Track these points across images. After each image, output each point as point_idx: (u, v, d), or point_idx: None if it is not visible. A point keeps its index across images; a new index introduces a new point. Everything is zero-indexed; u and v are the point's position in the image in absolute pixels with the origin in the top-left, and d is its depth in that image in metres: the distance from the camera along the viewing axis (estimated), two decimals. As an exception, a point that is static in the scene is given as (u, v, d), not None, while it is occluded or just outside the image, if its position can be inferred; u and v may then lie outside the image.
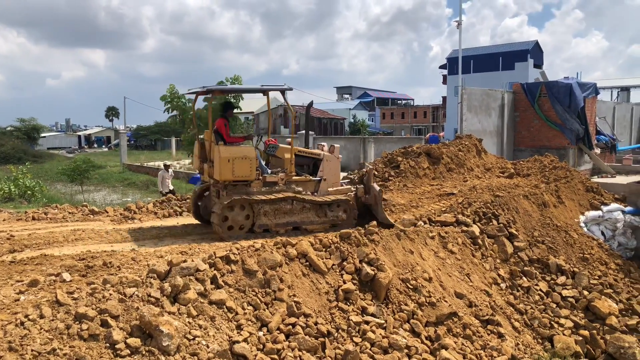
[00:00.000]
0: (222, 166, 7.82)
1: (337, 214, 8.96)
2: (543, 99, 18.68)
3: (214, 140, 8.18)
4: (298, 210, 8.57)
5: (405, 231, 8.02)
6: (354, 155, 28.02)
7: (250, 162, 8.02)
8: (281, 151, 8.93)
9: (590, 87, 19.86)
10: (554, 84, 18.91)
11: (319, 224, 8.77)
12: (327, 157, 9.09)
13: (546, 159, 13.61)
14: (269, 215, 8.33)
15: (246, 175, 8.03)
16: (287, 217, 8.48)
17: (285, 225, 8.49)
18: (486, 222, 9.44)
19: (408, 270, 7.26)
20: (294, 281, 6.32)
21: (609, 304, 8.50)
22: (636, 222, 11.69)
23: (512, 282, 8.55)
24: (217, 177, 7.97)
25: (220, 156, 7.81)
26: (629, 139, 27.69)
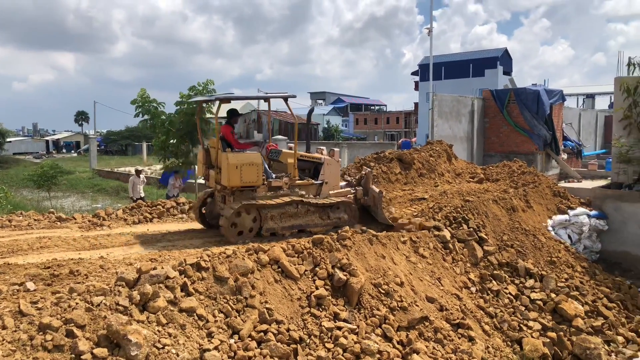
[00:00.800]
0: (230, 173, 7.94)
1: (339, 216, 9.19)
2: (512, 105, 19.06)
3: (220, 148, 8.25)
4: (303, 213, 8.77)
5: (377, 236, 8.06)
6: (328, 161, 28.04)
7: (257, 168, 8.16)
8: (284, 156, 9.12)
9: (557, 94, 20.35)
10: (522, 90, 19.32)
11: (323, 225, 8.97)
12: (327, 160, 9.29)
13: (515, 164, 13.88)
14: (276, 219, 8.51)
15: (253, 181, 8.19)
16: (292, 220, 8.68)
17: (291, 229, 8.68)
18: (457, 226, 9.55)
19: (380, 275, 7.29)
20: (266, 287, 6.27)
21: (575, 306, 8.69)
22: (601, 225, 12.03)
23: (482, 285, 8.66)
24: (225, 184, 8.08)
25: (228, 163, 7.92)
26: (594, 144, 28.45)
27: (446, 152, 14.19)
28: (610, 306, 9.33)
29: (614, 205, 12.17)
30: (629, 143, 12.68)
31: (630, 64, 12.32)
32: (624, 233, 12.00)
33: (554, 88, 21.88)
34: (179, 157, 13.49)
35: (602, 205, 12.35)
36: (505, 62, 51.72)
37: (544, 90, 19.58)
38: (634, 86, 12.25)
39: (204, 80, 12.85)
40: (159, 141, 13.26)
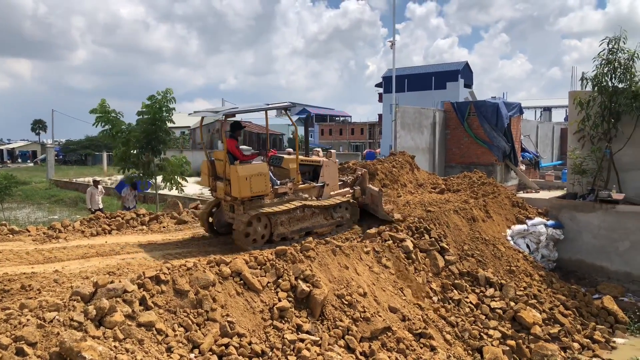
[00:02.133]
0: (240, 184, 8.14)
1: (341, 215, 9.68)
2: (472, 117, 19.46)
3: (227, 160, 8.40)
4: (309, 216, 9.15)
5: (340, 247, 8.07)
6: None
7: (265, 177, 8.41)
8: (286, 162, 9.30)
9: (515, 106, 20.89)
10: (482, 103, 19.76)
11: (327, 226, 9.43)
12: (326, 162, 9.66)
13: (475, 175, 14.16)
14: (285, 224, 8.81)
15: (262, 190, 8.43)
16: (300, 224, 9.03)
17: (300, 232, 9.03)
18: (419, 236, 9.67)
19: (343, 286, 7.29)
20: (228, 300, 6.19)
21: (533, 314, 8.89)
22: (557, 235, 12.38)
23: (444, 295, 8.77)
24: (236, 195, 8.26)
25: (238, 175, 8.12)
26: (551, 156, 29.35)
27: (409, 163, 14.37)
28: (567, 313, 9.58)
29: (569, 215, 12.56)
30: (582, 155, 13.12)
31: (583, 79, 12.76)
32: (578, 242, 12.38)
33: (512, 101, 22.47)
34: (140, 168, 13.21)
35: (558, 215, 12.72)
36: (466, 75, 52.96)
37: (503, 103, 20.07)
38: (587, 100, 12.71)
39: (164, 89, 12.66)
40: (119, 151, 12.97)
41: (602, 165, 12.86)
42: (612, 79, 12.38)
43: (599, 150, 12.81)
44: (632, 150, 12.61)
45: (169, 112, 12.78)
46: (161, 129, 12.79)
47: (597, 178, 12.95)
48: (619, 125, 12.45)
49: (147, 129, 12.73)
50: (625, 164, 12.77)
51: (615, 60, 12.25)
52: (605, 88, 12.33)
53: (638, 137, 12.45)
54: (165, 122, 12.88)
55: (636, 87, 11.97)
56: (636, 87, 11.97)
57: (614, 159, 12.73)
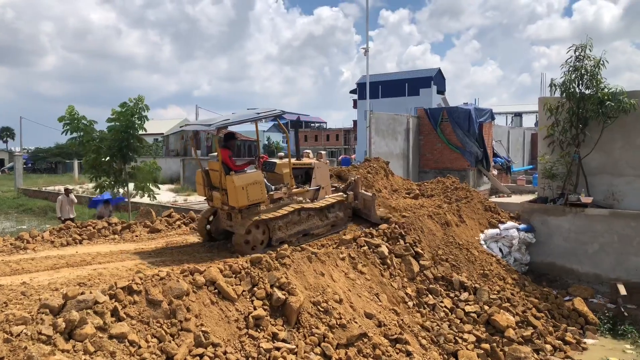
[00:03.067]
0: (238, 194, 8.27)
1: (335, 215, 9.98)
2: (445, 123, 19.74)
3: (223, 171, 8.49)
4: (305, 218, 9.38)
5: (316, 253, 8.06)
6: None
7: (261, 185, 8.58)
8: (279, 167, 9.50)
9: (487, 112, 21.28)
10: (455, 109, 20.08)
11: (323, 226, 9.73)
12: (317, 164, 9.96)
13: (448, 180, 14.34)
14: (283, 229, 9.02)
15: (259, 198, 8.58)
16: (297, 227, 9.26)
17: (297, 235, 9.27)
18: (394, 242, 9.72)
19: (319, 293, 7.27)
20: (202, 310, 6.11)
21: (507, 317, 9.01)
22: (529, 238, 12.60)
23: (419, 299, 8.83)
24: (234, 204, 8.40)
25: (235, 185, 8.25)
26: (522, 160, 29.93)
27: (383, 169, 14.46)
28: (539, 316, 9.75)
29: (540, 219, 12.79)
30: (552, 159, 13.38)
31: (552, 85, 13.04)
32: (550, 245, 12.62)
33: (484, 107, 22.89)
34: (110, 176, 12.98)
35: (529, 219, 12.95)
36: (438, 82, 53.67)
37: (475, 109, 20.42)
38: (556, 106, 12.99)
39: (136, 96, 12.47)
40: (90, 159, 12.72)
41: (571, 169, 13.14)
42: (580, 85, 12.67)
43: (568, 155, 13.09)
44: (599, 155, 12.93)
45: (142, 119, 12.59)
46: (133, 137, 12.60)
47: (566, 182, 13.23)
48: (587, 130, 12.75)
49: (118, 136, 12.52)
50: (593, 168, 13.09)
51: (582, 67, 12.56)
52: (573, 94, 12.62)
53: (605, 142, 12.77)
54: (137, 130, 12.69)
55: (602, 93, 12.28)
56: (602, 93, 12.28)
57: (582, 164, 13.02)
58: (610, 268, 11.77)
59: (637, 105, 12.10)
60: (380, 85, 52.78)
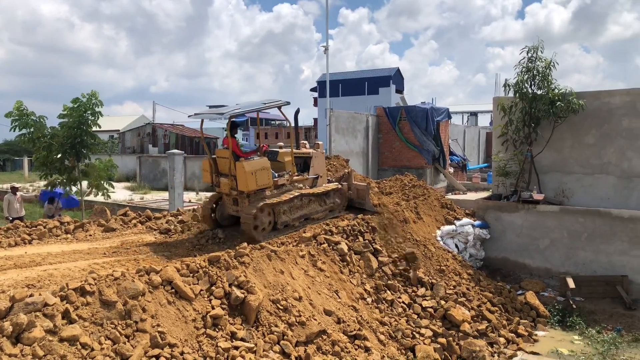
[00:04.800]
0: (248, 179, 8.83)
1: (333, 201, 10.66)
2: (403, 122, 20.01)
3: (232, 158, 9.01)
4: (306, 204, 10.01)
5: (276, 251, 8.02)
6: (227, 175, 27.65)
7: (268, 171, 9.17)
8: (281, 156, 10.12)
9: (443, 111, 21.69)
10: (412, 108, 20.37)
11: (322, 211, 10.38)
12: (315, 154, 10.60)
13: (406, 177, 14.52)
14: (287, 213, 9.62)
15: (266, 183, 9.19)
16: (299, 211, 9.88)
17: (300, 219, 9.89)
18: (353, 238, 9.78)
19: (278, 291, 7.24)
20: (158, 310, 5.98)
21: (462, 312, 9.21)
22: (484, 234, 12.91)
23: (378, 296, 8.91)
24: (243, 189, 8.96)
25: (245, 170, 8.80)
26: (477, 159, 30.68)
27: (343, 167, 14.52)
28: (493, 310, 10.01)
29: (494, 216, 13.14)
30: (506, 158, 13.77)
31: (506, 85, 13.39)
32: (503, 241, 12.97)
33: (441, 106, 23.31)
34: (62, 174, 12.51)
35: (484, 216, 13.27)
36: (397, 81, 54.33)
37: (432, 108, 20.78)
38: (509, 106, 13.36)
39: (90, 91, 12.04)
40: (40, 156, 12.23)
41: (524, 167, 13.55)
42: (532, 85, 13.09)
43: (521, 153, 13.50)
44: (550, 153, 13.40)
45: (95, 115, 12.18)
46: (86, 133, 12.18)
47: (519, 180, 13.63)
48: (539, 129, 13.17)
49: (70, 132, 12.08)
50: (545, 166, 13.55)
51: (534, 68, 12.96)
52: (525, 94, 13.01)
53: (555, 141, 13.24)
54: (90, 126, 12.27)
55: (553, 94, 12.72)
56: (553, 94, 12.72)
57: (534, 162, 13.44)
58: (560, 262, 12.20)
59: (585, 106, 12.61)
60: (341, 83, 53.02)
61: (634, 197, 12.62)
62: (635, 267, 11.30)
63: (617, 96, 12.80)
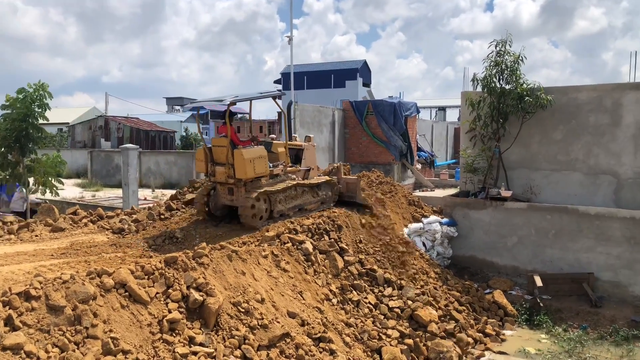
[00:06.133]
0: (246, 166, 9.27)
1: (325, 192, 11.13)
2: (370, 116, 20.11)
3: (229, 146, 9.41)
4: (300, 194, 10.51)
5: (237, 252, 7.96)
6: (186, 172, 27.23)
7: (265, 159, 9.69)
8: (275, 147, 10.60)
9: (411, 106, 21.92)
10: (380, 102, 20.51)
11: (314, 203, 10.84)
12: (306, 146, 11.26)
13: (373, 174, 14.63)
14: (282, 202, 10.09)
15: (263, 171, 9.67)
16: (294, 201, 10.37)
17: (294, 209, 10.36)
18: (318, 237, 9.81)
19: (240, 293, 7.20)
20: (111, 315, 5.86)
21: (429, 312, 9.36)
22: (451, 232, 13.15)
23: (343, 296, 8.96)
24: (241, 176, 9.40)
25: (244, 158, 9.25)
26: (445, 155, 31.16)
27: (308, 163, 14.53)
28: (461, 309, 10.21)
29: (462, 213, 13.39)
30: (474, 154, 14.04)
31: (474, 79, 13.66)
32: (471, 239, 13.24)
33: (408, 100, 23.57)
34: (5, 169, 12.07)
35: (452, 213, 13.52)
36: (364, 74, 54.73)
37: (400, 102, 20.98)
38: (477, 101, 13.62)
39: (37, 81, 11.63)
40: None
41: (492, 163, 13.85)
42: (500, 80, 13.38)
43: (489, 149, 13.79)
44: (519, 149, 13.73)
45: (43, 107, 11.79)
46: (32, 126, 11.78)
47: (487, 176, 13.93)
48: (507, 125, 13.48)
49: (15, 125, 11.67)
50: (513, 162, 13.89)
51: (503, 62, 13.26)
52: (493, 89, 13.29)
53: (523, 136, 13.58)
54: (37, 119, 11.88)
55: (521, 88, 13.03)
56: (521, 88, 13.03)
57: (502, 158, 13.76)
58: (528, 260, 12.54)
59: (553, 102, 12.96)
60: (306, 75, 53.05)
61: (600, 194, 13.07)
62: (600, 264, 11.72)
63: (584, 92, 13.22)
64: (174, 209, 11.08)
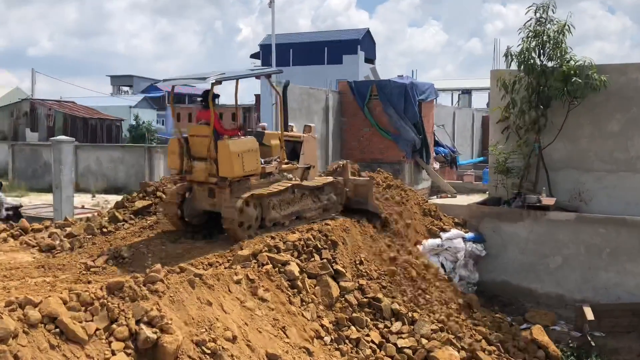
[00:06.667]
0: (233, 162, 9.22)
1: (328, 197, 11.17)
2: (374, 101, 20.03)
3: (212, 136, 9.39)
4: (298, 198, 10.52)
5: (201, 276, 7.94)
6: (136, 171, 27.22)
7: (256, 154, 9.70)
8: (268, 138, 10.61)
9: (428, 88, 21.96)
10: (387, 83, 20.50)
11: (315, 210, 10.90)
12: (306, 138, 11.29)
13: (379, 175, 14.65)
14: (277, 208, 10.09)
15: (254, 168, 9.69)
16: (291, 208, 10.38)
17: (290, 216, 10.40)
18: (307, 257, 9.79)
19: (205, 329, 7.19)
20: (37, 357, 5.82)
21: (450, 353, 9.37)
22: (478, 250, 13.15)
23: (339, 333, 8.95)
24: (227, 174, 9.38)
25: (230, 151, 9.18)
26: (470, 151, 31.22)
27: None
28: (490, 349, 10.23)
29: (492, 226, 13.40)
30: (507, 150, 14.03)
31: (508, 54, 13.66)
32: (503, 259, 13.24)
33: (424, 81, 23.62)
34: None
35: (478, 226, 13.53)
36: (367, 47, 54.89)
37: (413, 83, 20.98)
38: (512, 82, 13.62)
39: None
40: None
41: (530, 162, 13.88)
42: (541, 55, 13.42)
43: (526, 144, 13.80)
44: (564, 145, 13.75)
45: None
46: None
47: (524, 179, 13.93)
48: (549, 113, 13.48)
49: None
50: (557, 161, 13.90)
51: (544, 32, 13.28)
52: (532, 67, 13.31)
53: (570, 128, 13.58)
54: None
55: (567, 66, 13.04)
56: (567, 66, 13.04)
57: (543, 155, 13.76)
58: (576, 287, 12.56)
59: (609, 83, 12.94)
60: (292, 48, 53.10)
61: (668, 202, 13.10)
62: (669, 292, 11.75)
63: (649, 71, 13.25)
64: (120, 220, 11.04)
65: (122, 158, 28.18)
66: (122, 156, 28.36)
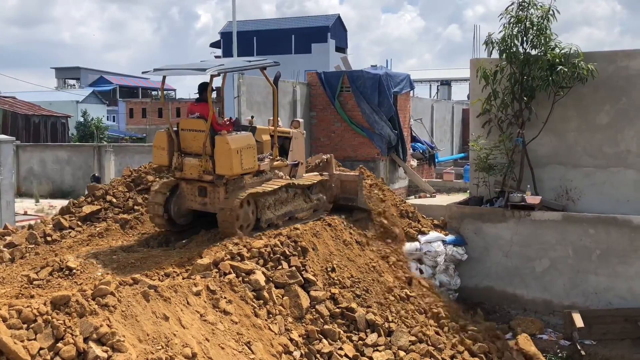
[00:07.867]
0: (232, 159, 9.40)
1: (318, 196, 11.56)
2: (346, 94, 20.01)
3: (207, 130, 9.64)
4: (291, 198, 10.85)
5: (157, 287, 7.88)
6: (84, 172, 26.95)
7: (254, 151, 9.93)
8: (259, 134, 10.76)
9: (403, 79, 22.00)
10: (359, 74, 20.47)
11: (307, 209, 11.26)
12: (294, 134, 11.54)
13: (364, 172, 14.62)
14: (271, 208, 10.38)
15: (252, 166, 9.92)
16: (284, 207, 10.70)
17: (284, 217, 10.73)
18: (274, 265, 9.77)
19: (161, 346, 7.14)
20: (-28, 382, 5.72)
21: (429, 366, 9.41)
22: (459, 254, 13.22)
23: (309, 347, 8.94)
24: (225, 172, 9.59)
25: (230, 148, 9.37)
26: (450, 146, 31.43)
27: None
28: (473, 361, 10.30)
29: (473, 228, 13.48)
30: (489, 145, 14.11)
31: (489, 42, 13.72)
32: (486, 263, 13.33)
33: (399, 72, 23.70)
34: None
35: (459, 228, 13.61)
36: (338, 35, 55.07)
37: (388, 74, 21.02)
38: (493, 71, 13.69)
39: None
40: None
41: (514, 158, 13.97)
42: (524, 43, 13.50)
43: (509, 138, 13.89)
44: (549, 139, 13.88)
45: None
46: None
47: (507, 176, 14.03)
48: (533, 105, 13.59)
49: None
50: (542, 157, 14.02)
51: (527, 18, 13.36)
52: (515, 55, 13.40)
53: (556, 121, 13.70)
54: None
55: (552, 54, 13.15)
56: (552, 54, 13.15)
57: (527, 151, 13.87)
58: (564, 292, 12.69)
59: (597, 72, 13.07)
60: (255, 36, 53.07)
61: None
62: (663, 295, 11.94)
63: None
64: (66, 227, 10.93)
65: (69, 159, 27.89)
66: (68, 156, 28.06)
